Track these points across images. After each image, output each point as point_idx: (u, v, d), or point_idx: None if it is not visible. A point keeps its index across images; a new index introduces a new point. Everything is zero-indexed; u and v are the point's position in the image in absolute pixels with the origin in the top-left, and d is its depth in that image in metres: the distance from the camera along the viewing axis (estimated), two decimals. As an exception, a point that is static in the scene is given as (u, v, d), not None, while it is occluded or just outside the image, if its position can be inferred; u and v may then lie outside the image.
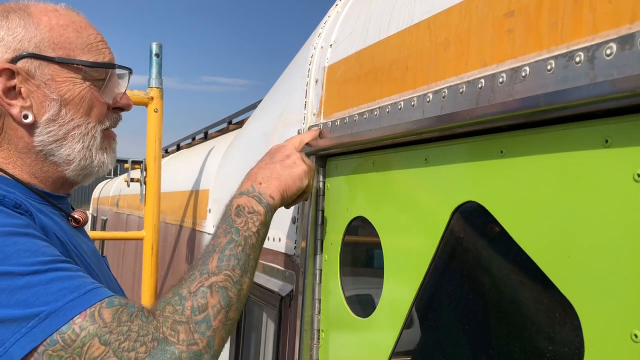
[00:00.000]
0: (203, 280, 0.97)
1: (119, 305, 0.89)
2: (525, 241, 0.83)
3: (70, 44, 1.07)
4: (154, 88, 3.07)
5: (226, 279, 0.98)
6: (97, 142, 1.11)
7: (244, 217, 1.10)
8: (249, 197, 1.15)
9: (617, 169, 0.69)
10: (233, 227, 1.08)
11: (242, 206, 1.13)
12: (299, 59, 1.77)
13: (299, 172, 1.26)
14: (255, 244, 1.09)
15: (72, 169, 1.10)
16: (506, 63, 0.87)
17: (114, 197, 7.30)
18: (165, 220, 3.78)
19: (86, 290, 0.88)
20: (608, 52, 0.70)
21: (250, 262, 1.05)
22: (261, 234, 1.12)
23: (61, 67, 1.05)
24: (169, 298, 0.94)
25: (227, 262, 1.01)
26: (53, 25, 1.06)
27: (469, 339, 1.04)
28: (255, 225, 1.10)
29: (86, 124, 1.09)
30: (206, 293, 0.95)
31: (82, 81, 1.07)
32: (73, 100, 1.07)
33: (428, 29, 1.08)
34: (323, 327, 1.44)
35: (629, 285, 0.67)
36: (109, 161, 1.15)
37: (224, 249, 1.03)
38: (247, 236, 1.07)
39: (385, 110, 1.17)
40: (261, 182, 1.19)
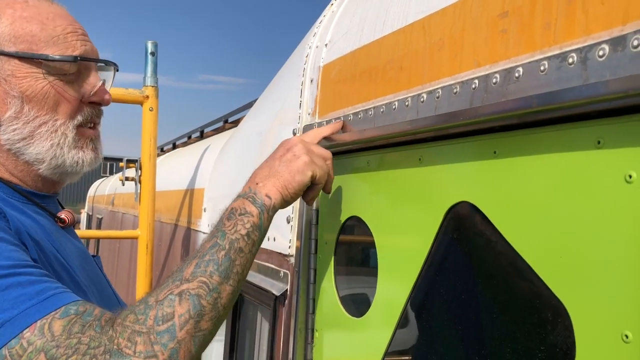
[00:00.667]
0: (173, 288, 0.89)
1: (73, 315, 0.83)
2: (518, 242, 0.83)
3: (33, 37, 1.01)
4: (149, 87, 3.07)
5: (200, 285, 0.90)
6: (69, 139, 1.05)
7: (234, 219, 1.03)
8: (244, 198, 1.09)
9: (609, 170, 0.69)
10: (220, 231, 1.01)
11: (235, 209, 1.06)
12: (295, 58, 1.77)
13: (299, 165, 1.15)
14: (244, 248, 1.01)
15: (44, 167, 1.05)
16: (500, 64, 0.87)
17: (110, 196, 7.29)
18: (160, 219, 3.77)
19: (46, 297, 0.83)
20: (600, 53, 0.70)
21: (234, 267, 0.97)
22: (253, 236, 1.03)
23: (22, 62, 1.00)
24: (135, 306, 0.87)
25: (205, 268, 0.93)
26: (16, 17, 1.01)
27: (462, 338, 1.04)
28: (245, 227, 1.03)
29: (53, 121, 1.03)
30: (174, 301, 0.87)
31: (44, 76, 1.01)
32: (35, 97, 1.01)
33: (422, 29, 1.08)
34: (317, 327, 1.44)
35: (620, 286, 0.67)
36: (85, 159, 1.08)
37: (204, 255, 0.95)
38: (234, 239, 0.99)
39: (380, 110, 1.17)
40: (258, 181, 1.12)
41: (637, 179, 0.66)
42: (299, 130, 1.55)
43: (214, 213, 2.58)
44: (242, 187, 1.18)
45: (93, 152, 1.10)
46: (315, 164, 1.17)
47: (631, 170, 0.67)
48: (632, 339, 0.65)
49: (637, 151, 0.66)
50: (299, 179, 1.15)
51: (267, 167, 1.16)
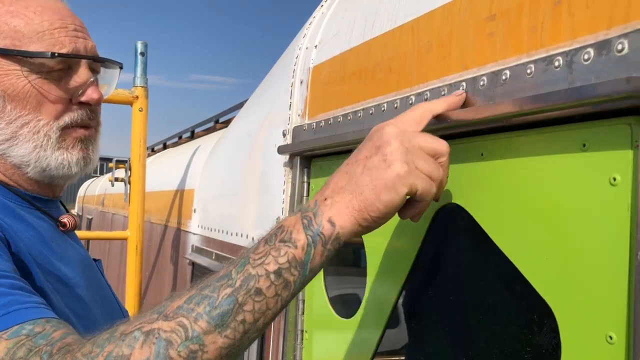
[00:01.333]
0: (145, 323, 0.69)
1: (24, 336, 0.72)
2: (505, 243, 0.84)
3: (17, 33, 0.95)
4: (139, 87, 3.06)
5: (176, 329, 0.68)
6: (52, 141, 0.98)
7: (270, 245, 0.75)
8: (301, 216, 0.78)
9: (594, 172, 0.70)
10: (245, 257, 0.75)
11: (283, 228, 0.77)
12: (285, 59, 1.77)
13: (389, 178, 0.76)
14: (265, 290, 0.72)
15: (31, 170, 0.99)
16: (487, 66, 0.88)
17: (100, 196, 7.25)
18: (150, 220, 3.76)
19: (7, 312, 0.74)
20: (586, 57, 0.70)
21: (239, 314, 0.70)
22: (287, 276, 0.73)
23: (4, 58, 0.95)
24: (102, 333, 0.72)
25: (194, 306, 0.70)
26: (2, 12, 0.96)
27: (450, 338, 1.05)
28: (278, 262, 0.73)
29: (36, 121, 0.97)
30: (137, 340, 0.67)
31: (27, 74, 0.95)
32: (17, 96, 0.95)
33: (411, 32, 1.08)
34: (307, 328, 1.44)
35: (605, 288, 0.68)
36: (72, 160, 1.01)
37: (207, 287, 0.72)
38: (251, 276, 0.72)
39: (369, 111, 1.18)
40: (327, 196, 0.79)
41: (621, 181, 0.67)
42: (289, 132, 1.55)
43: (204, 214, 2.57)
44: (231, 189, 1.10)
45: (81, 152, 1.02)
46: (417, 173, 0.78)
47: (615, 173, 0.67)
48: (616, 339, 0.66)
49: (621, 154, 0.67)
50: (387, 198, 0.77)
51: (345, 174, 0.81)
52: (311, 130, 1.42)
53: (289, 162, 1.54)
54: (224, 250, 2.14)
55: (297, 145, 1.47)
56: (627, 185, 0.66)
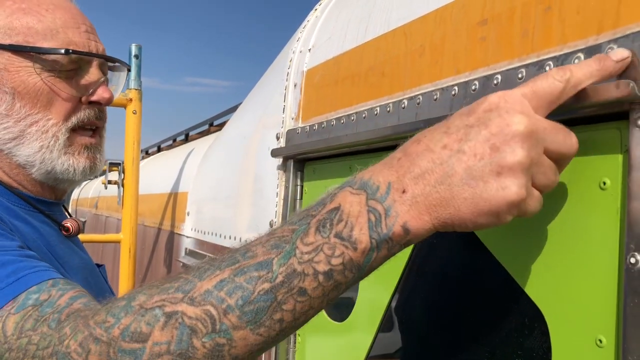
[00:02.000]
0: (169, 300, 0.62)
1: (30, 307, 0.69)
2: (495, 247, 0.84)
3: (29, 30, 0.94)
4: (133, 89, 3.05)
5: (202, 318, 0.60)
6: (60, 142, 0.96)
7: (325, 237, 0.61)
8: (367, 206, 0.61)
9: (584, 177, 0.71)
10: (291, 244, 0.62)
11: (341, 214, 0.61)
12: (278, 62, 1.77)
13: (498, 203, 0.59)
14: (310, 291, 0.61)
15: (35, 171, 0.97)
16: (479, 71, 0.88)
17: (93, 199, 7.23)
18: (144, 223, 3.75)
19: (16, 279, 0.72)
20: (576, 61, 0.71)
21: (277, 312, 0.61)
22: (339, 278, 0.61)
23: (15, 55, 0.93)
24: (118, 300, 0.66)
25: (226, 295, 0.60)
26: (14, 9, 0.95)
27: (441, 341, 1.05)
28: (331, 263, 0.60)
29: (45, 120, 0.95)
30: (158, 320, 0.61)
31: (39, 71, 0.94)
32: (28, 93, 0.94)
33: (404, 36, 1.09)
34: (299, 331, 1.44)
35: (594, 291, 0.68)
36: (78, 167, 0.99)
37: (243, 271, 0.61)
38: (299, 273, 0.60)
39: (362, 115, 1.18)
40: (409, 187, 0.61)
41: (610, 186, 0.67)
42: (282, 135, 1.55)
43: (198, 217, 2.57)
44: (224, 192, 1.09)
45: (88, 160, 1.00)
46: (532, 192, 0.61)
47: (605, 177, 0.68)
48: (606, 343, 0.66)
49: (611, 159, 0.67)
50: (483, 222, 0.61)
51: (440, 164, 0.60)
52: (304, 134, 1.42)
53: (282, 165, 1.54)
54: (217, 254, 2.13)
55: (290, 149, 1.47)
56: (616, 189, 0.66)
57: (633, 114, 0.64)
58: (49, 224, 1.01)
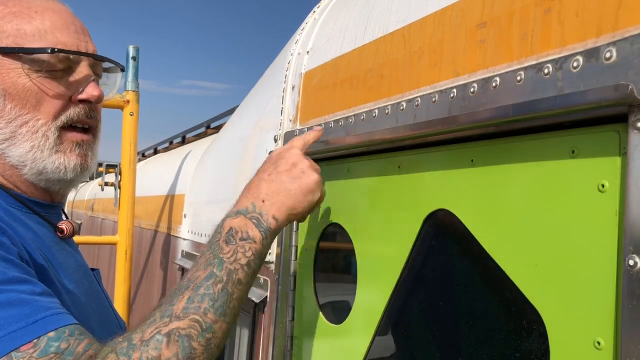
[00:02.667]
0: (161, 326, 0.80)
1: (53, 354, 0.75)
2: (494, 249, 0.84)
3: (19, 31, 0.95)
4: (130, 91, 3.05)
5: (192, 325, 0.81)
6: (50, 141, 0.96)
7: (234, 244, 0.91)
8: (247, 218, 0.95)
9: (583, 179, 0.71)
10: (217, 258, 0.89)
11: (235, 230, 0.93)
12: (276, 65, 1.77)
13: (310, 183, 1.02)
14: (243, 279, 0.89)
15: (27, 172, 0.98)
16: (477, 73, 0.88)
17: (89, 201, 7.21)
18: (140, 225, 3.74)
19: (33, 321, 0.76)
20: (575, 64, 0.71)
21: (231, 302, 0.86)
22: (253, 266, 0.92)
23: (5, 57, 0.94)
24: (117, 343, 0.79)
25: (198, 304, 0.83)
26: (5, 13, 0.96)
27: (439, 344, 1.05)
28: (247, 255, 0.91)
29: (34, 120, 0.95)
30: (161, 342, 0.78)
31: (27, 71, 0.94)
32: (18, 94, 0.94)
33: (403, 38, 1.09)
34: (297, 334, 1.44)
35: (593, 294, 0.68)
36: (69, 165, 0.99)
37: (198, 287, 0.85)
38: (233, 270, 0.88)
39: (360, 117, 1.18)
40: (264, 198, 0.98)
41: (609, 188, 0.67)
42: (280, 137, 1.55)
43: (194, 219, 2.56)
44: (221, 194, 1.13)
45: (79, 157, 1.00)
46: (320, 183, 1.06)
47: (604, 179, 0.68)
48: (604, 345, 0.66)
49: (610, 161, 0.68)
50: (310, 199, 1.03)
51: (272, 182, 1.01)
52: (302, 136, 1.42)
53: (280, 168, 1.54)
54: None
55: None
56: (615, 191, 0.66)
57: (631, 116, 0.64)
58: (44, 225, 1.01)
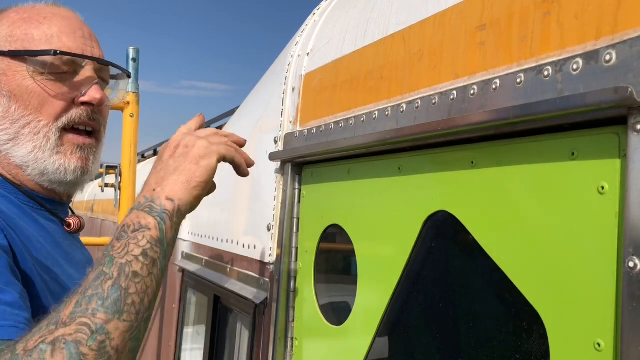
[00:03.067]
0: (46, 334, 0.73)
1: None
2: (494, 250, 0.84)
3: (27, 36, 0.99)
4: (130, 93, 3.04)
5: (79, 329, 0.74)
6: (51, 142, 0.99)
7: (125, 239, 0.85)
8: (139, 210, 0.90)
9: (583, 181, 0.71)
10: (107, 257, 0.83)
11: (127, 225, 0.87)
12: (277, 66, 1.77)
13: (199, 150, 0.97)
14: (140, 270, 0.82)
15: (30, 172, 1.00)
16: (477, 75, 0.88)
17: (89, 202, 7.20)
18: (140, 226, 3.74)
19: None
20: (575, 67, 0.71)
21: (128, 297, 0.79)
22: (152, 254, 0.85)
23: (13, 60, 0.98)
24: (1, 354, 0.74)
25: (86, 306, 0.76)
26: (16, 19, 1.00)
27: (440, 345, 1.05)
28: (140, 245, 0.84)
29: (36, 122, 0.98)
30: (45, 352, 0.71)
31: (32, 73, 0.97)
32: (22, 96, 0.97)
33: (403, 40, 1.09)
34: (297, 335, 1.44)
35: (593, 295, 0.68)
36: (69, 167, 1.01)
37: (87, 289, 0.78)
38: (124, 263, 0.81)
39: (361, 119, 1.18)
40: (154, 187, 0.93)
41: (609, 190, 0.67)
42: (281, 139, 1.55)
43: (194, 220, 2.56)
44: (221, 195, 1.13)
45: (80, 160, 1.02)
46: (216, 143, 0.99)
47: (603, 181, 0.68)
48: (604, 347, 0.66)
49: (609, 163, 0.68)
50: (205, 163, 0.96)
51: (161, 170, 0.96)
52: (303, 137, 1.42)
53: (280, 169, 1.55)
54: (214, 257, 2.13)
55: (288, 152, 1.47)
56: (615, 193, 0.67)
57: (631, 118, 0.65)
58: (54, 221, 1.04)
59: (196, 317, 2.70)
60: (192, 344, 2.67)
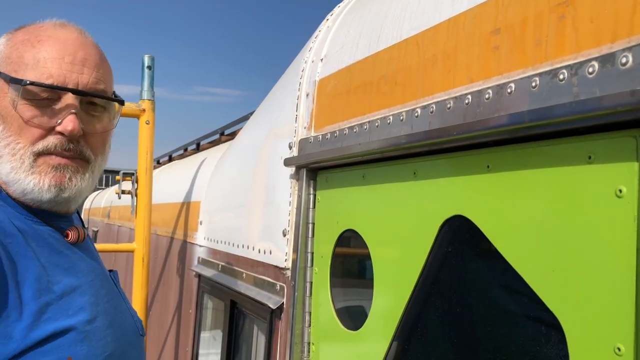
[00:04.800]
0: None
1: None
2: (512, 255, 0.84)
3: (19, 58, 1.01)
4: (146, 100, 3.07)
5: None
6: (26, 165, 1.00)
7: None
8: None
9: (600, 184, 0.71)
10: None
11: None
12: (290, 72, 1.78)
13: None
14: None
15: (13, 190, 1.01)
16: (492, 79, 0.88)
17: (105, 209, 7.27)
18: (156, 232, 3.77)
19: None
20: (590, 70, 0.71)
21: None
22: None
23: (5, 82, 1.00)
24: None
25: None
26: (17, 41, 1.02)
27: (457, 351, 1.05)
28: None
29: (15, 144, 1.00)
30: None
31: (15, 98, 0.99)
32: (6, 118, 1.00)
33: (416, 45, 1.09)
34: (313, 340, 1.44)
35: (612, 299, 0.68)
36: (43, 186, 1.00)
37: None
38: None
39: (375, 124, 1.18)
40: None
41: (627, 193, 0.67)
42: (295, 144, 1.56)
43: (210, 226, 2.58)
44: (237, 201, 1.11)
45: (54, 179, 1.01)
46: None
47: (621, 185, 0.68)
48: (625, 351, 0.66)
49: (627, 166, 0.67)
50: None
51: None
52: (317, 143, 1.43)
53: (295, 174, 1.55)
54: (230, 262, 2.14)
55: (303, 157, 1.48)
56: (633, 196, 0.66)
57: (649, 121, 0.64)
58: (53, 232, 1.05)
59: (213, 322, 2.72)
60: (208, 349, 2.68)
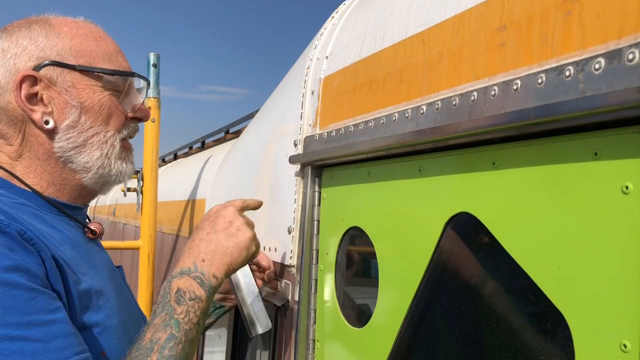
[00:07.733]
0: None
1: None
2: (517, 252, 0.84)
3: (91, 52, 1.08)
4: (152, 98, 3.08)
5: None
6: (116, 150, 1.10)
7: (185, 305, 1.02)
8: (190, 278, 1.07)
9: (607, 181, 0.70)
10: (173, 319, 0.99)
11: (182, 291, 1.04)
12: (296, 70, 1.78)
13: (245, 240, 1.17)
14: (195, 337, 1.02)
15: (89, 176, 1.09)
16: (498, 76, 0.88)
17: (111, 206, 7.30)
18: (162, 230, 3.78)
19: None
20: (597, 66, 0.71)
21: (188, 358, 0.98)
22: (201, 324, 1.04)
23: (82, 74, 1.06)
24: None
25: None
26: (74, 34, 1.08)
27: (462, 348, 1.05)
28: (197, 315, 1.02)
29: (105, 132, 1.09)
30: None
31: (102, 89, 1.08)
32: (93, 108, 1.07)
33: (422, 42, 1.09)
34: (318, 337, 1.44)
35: (618, 296, 0.68)
36: (127, 171, 1.14)
37: (162, 348, 0.95)
38: (188, 330, 1.00)
39: (380, 121, 1.18)
40: (204, 258, 1.11)
41: (633, 190, 0.67)
42: (300, 142, 1.56)
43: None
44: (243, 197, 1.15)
45: (132, 164, 1.16)
46: (256, 239, 1.21)
47: (628, 181, 0.67)
48: (631, 348, 0.65)
49: (634, 163, 0.67)
50: (245, 255, 1.17)
51: (210, 241, 1.14)
52: (322, 140, 1.43)
53: (300, 172, 1.55)
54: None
55: (308, 155, 1.48)
56: (639, 193, 0.66)
57: (655, 118, 0.64)
58: (74, 226, 1.09)
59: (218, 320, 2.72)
60: (213, 347, 2.69)
